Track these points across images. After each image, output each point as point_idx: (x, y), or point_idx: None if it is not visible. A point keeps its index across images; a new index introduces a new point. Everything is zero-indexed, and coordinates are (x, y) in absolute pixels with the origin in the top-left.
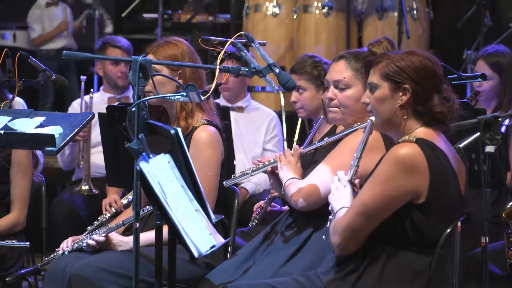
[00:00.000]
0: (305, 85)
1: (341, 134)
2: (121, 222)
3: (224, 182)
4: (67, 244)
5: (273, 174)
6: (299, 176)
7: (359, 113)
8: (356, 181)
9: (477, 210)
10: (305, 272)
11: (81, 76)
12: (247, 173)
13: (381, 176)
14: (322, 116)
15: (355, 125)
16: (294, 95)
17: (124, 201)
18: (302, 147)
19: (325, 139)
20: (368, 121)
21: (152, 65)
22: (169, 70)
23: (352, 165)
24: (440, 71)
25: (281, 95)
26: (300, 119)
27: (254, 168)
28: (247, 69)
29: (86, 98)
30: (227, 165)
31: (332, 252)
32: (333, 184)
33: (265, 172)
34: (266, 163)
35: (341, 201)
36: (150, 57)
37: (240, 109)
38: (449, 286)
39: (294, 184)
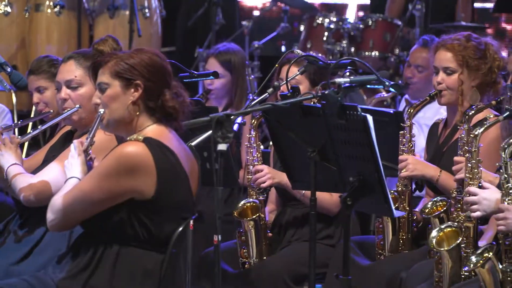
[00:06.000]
0: (46, 84)
1: (54, 120)
2: None
3: None
4: None
5: None
6: (20, 161)
7: (94, 112)
8: (93, 155)
9: (209, 208)
10: (37, 272)
11: None
12: None
13: (102, 170)
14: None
15: (65, 111)
16: (36, 96)
17: None
18: (19, 137)
19: (39, 127)
20: (98, 112)
21: None
22: None
23: (87, 137)
24: (168, 67)
25: (13, 94)
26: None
27: None
28: None
29: None
30: None
31: (65, 251)
32: (70, 152)
33: None
34: None
35: (72, 170)
36: None
37: None
38: (182, 284)
39: (23, 178)
